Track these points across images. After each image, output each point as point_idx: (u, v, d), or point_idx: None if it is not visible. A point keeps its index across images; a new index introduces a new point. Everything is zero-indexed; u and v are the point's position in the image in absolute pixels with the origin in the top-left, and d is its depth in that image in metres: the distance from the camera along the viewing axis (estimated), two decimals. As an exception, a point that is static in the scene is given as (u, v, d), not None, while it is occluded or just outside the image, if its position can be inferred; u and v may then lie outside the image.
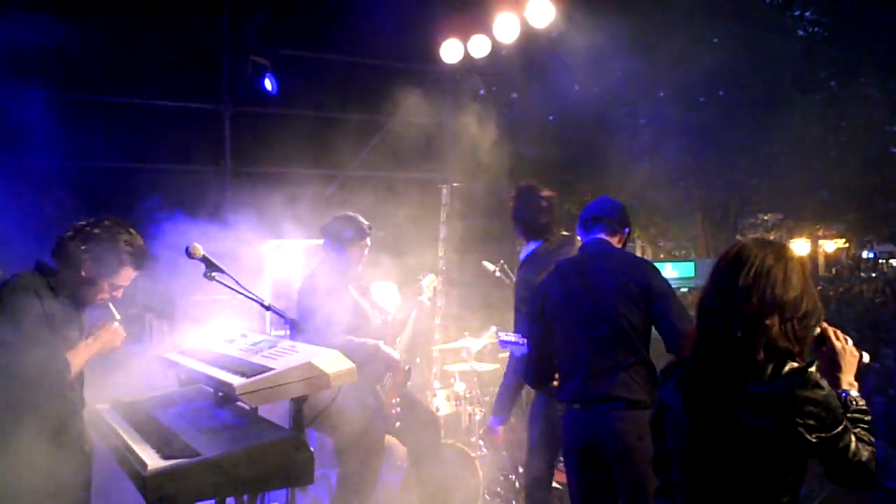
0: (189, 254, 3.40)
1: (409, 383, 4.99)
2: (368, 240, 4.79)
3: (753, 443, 2.13)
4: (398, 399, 4.91)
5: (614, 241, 3.70)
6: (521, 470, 5.94)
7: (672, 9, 12.64)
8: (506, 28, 7.09)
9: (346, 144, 7.83)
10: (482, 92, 9.73)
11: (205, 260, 3.42)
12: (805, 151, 16.62)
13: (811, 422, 2.08)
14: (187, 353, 3.81)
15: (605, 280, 3.46)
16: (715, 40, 14.10)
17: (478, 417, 5.92)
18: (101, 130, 6.99)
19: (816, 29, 20.23)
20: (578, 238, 3.94)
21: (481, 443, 5.90)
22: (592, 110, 11.09)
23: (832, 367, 2.31)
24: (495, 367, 6.19)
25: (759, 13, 16.52)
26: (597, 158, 11.40)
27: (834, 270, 31.40)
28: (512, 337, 4.66)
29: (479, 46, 7.43)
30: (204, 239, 3.90)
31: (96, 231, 3.31)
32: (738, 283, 2.18)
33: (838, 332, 2.33)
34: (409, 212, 7.00)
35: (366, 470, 4.42)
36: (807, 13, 20.37)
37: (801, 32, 20.47)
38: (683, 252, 17.20)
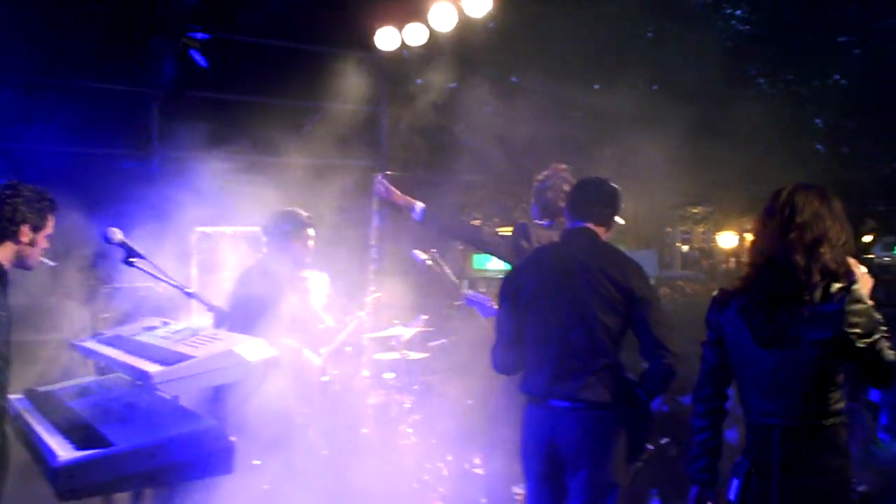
0: (107, 238, 3.33)
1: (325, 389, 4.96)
2: (311, 231, 4.73)
3: (816, 351, 2.63)
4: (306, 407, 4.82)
5: (601, 231, 3.54)
6: (449, 458, 5.99)
7: (607, 2, 12.77)
8: (442, 16, 7.06)
9: (280, 131, 7.69)
10: (419, 81, 9.69)
11: (123, 245, 3.34)
12: (734, 146, 16.99)
13: (858, 331, 2.59)
14: (105, 341, 3.71)
15: (585, 278, 3.33)
16: (650, 35, 14.30)
17: (407, 406, 5.93)
18: (24, 112, 6.75)
19: (746, 27, 20.65)
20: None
21: (410, 431, 5.92)
22: (529, 102, 11.13)
23: None
24: (425, 356, 6.22)
25: (692, 10, 16.82)
26: (535, 151, 11.44)
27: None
28: (480, 297, 4.61)
29: (416, 34, 7.38)
30: (130, 226, 3.81)
31: (10, 195, 3.29)
32: (798, 220, 2.70)
33: (857, 262, 2.80)
34: (342, 200, 6.95)
35: (285, 460, 4.37)
36: (737, 11, 20.79)
37: (731, 31, 20.91)
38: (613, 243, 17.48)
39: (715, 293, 2.93)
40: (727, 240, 29.70)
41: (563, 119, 12.27)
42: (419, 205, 4.57)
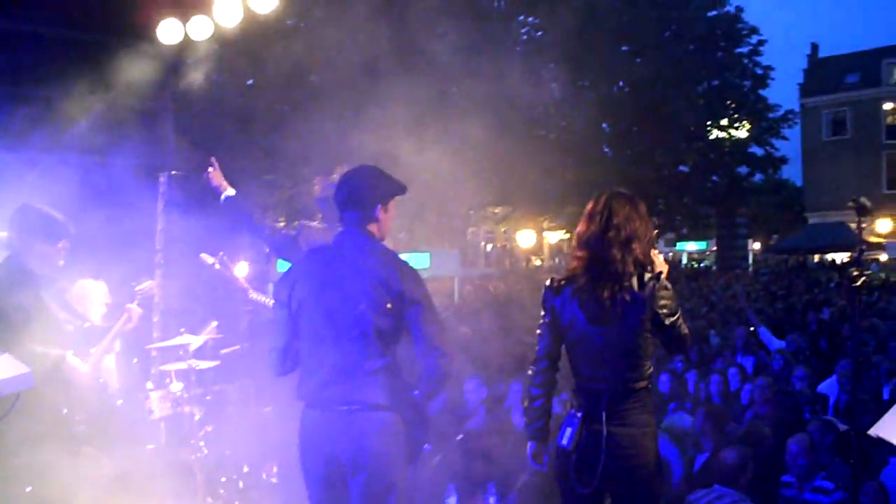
0: None
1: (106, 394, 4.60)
2: (70, 228, 4.30)
3: (635, 327, 3.24)
4: (84, 416, 4.40)
5: (373, 227, 3.42)
6: (245, 470, 5.75)
7: (407, 4, 12.90)
8: (227, 11, 6.72)
9: (50, 125, 7.02)
10: (216, 78, 9.28)
11: None
12: (530, 148, 17.78)
13: (666, 311, 3.23)
14: None
15: (357, 281, 3.29)
16: (448, 35, 14.63)
17: (197, 418, 5.63)
18: None
19: (539, 33, 21.70)
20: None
21: (202, 444, 5.63)
22: (325, 104, 10.99)
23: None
24: (215, 364, 5.95)
25: (490, 14, 17.44)
26: (329, 152, 11.31)
27: (557, 259, 34.12)
28: (264, 298, 4.70)
29: (200, 28, 6.99)
30: None
31: None
32: (614, 222, 3.28)
33: (657, 253, 3.45)
34: (123, 201, 6.49)
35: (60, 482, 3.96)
36: (531, 18, 21.79)
37: (525, 37, 21.88)
38: (413, 244, 17.85)
39: (548, 282, 3.47)
40: (526, 238, 31.16)
41: (363, 120, 12.26)
42: (230, 191, 4.69)
